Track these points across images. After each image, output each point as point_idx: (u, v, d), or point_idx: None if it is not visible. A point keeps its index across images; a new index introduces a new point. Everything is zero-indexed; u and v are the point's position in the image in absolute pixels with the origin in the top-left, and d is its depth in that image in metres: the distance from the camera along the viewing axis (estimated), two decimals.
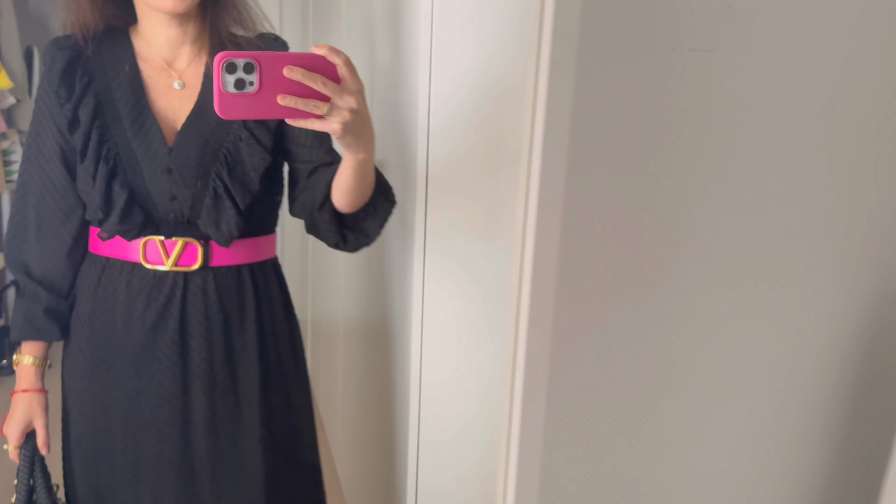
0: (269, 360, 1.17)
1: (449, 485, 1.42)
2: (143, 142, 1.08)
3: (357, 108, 0.85)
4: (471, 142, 1.33)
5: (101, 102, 1.09)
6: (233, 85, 0.81)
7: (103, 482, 1.15)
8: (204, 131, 1.10)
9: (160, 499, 1.14)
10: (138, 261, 1.10)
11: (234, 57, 0.81)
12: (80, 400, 1.15)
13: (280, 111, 0.83)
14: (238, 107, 0.82)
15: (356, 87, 0.85)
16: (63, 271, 1.14)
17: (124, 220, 1.07)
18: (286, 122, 0.86)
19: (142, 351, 1.11)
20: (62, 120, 1.09)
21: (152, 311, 1.10)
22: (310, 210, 1.10)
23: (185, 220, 1.09)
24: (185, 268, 1.10)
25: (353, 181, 0.99)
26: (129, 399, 1.12)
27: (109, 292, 1.11)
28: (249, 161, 1.10)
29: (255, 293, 1.15)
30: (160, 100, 1.11)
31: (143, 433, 1.12)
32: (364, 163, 0.96)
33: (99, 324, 1.13)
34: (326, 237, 1.11)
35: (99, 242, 1.13)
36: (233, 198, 1.09)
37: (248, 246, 1.14)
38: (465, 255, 1.36)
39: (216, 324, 1.12)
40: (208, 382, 1.12)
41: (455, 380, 1.40)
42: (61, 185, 1.11)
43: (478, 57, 1.30)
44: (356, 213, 1.07)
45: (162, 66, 1.12)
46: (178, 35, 1.11)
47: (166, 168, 1.09)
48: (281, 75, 0.81)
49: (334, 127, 0.86)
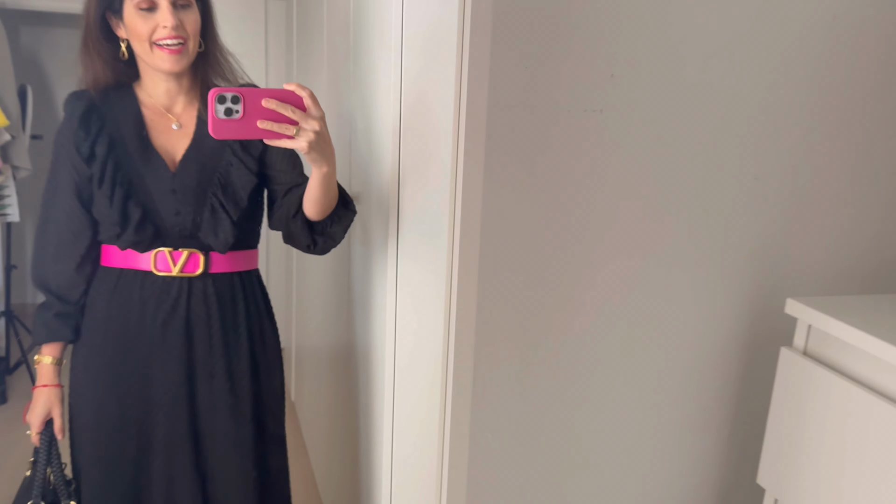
0: (256, 351, 1.39)
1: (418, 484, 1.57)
2: (149, 170, 1.29)
3: (319, 129, 1.06)
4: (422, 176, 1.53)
5: (113, 140, 1.29)
6: (223, 113, 1.03)
7: (111, 457, 1.33)
8: (200, 160, 1.31)
9: (172, 466, 1.33)
10: (149, 269, 1.30)
11: (224, 91, 1.03)
12: (93, 397, 1.33)
13: (259, 133, 1.05)
14: (227, 130, 1.04)
15: (318, 114, 1.06)
16: (73, 283, 1.33)
17: (139, 233, 1.27)
18: (264, 142, 1.09)
19: (154, 345, 1.31)
20: (77, 159, 1.28)
21: (162, 310, 1.30)
22: (285, 220, 1.30)
23: (188, 234, 1.30)
24: (190, 274, 1.31)
25: (319, 192, 1.20)
26: (143, 386, 1.31)
27: (125, 297, 1.31)
28: (239, 181, 1.32)
29: (244, 296, 1.37)
30: (160, 137, 1.32)
31: (156, 414, 1.32)
32: (328, 175, 1.16)
33: (115, 324, 1.32)
34: (300, 242, 1.31)
35: (112, 257, 1.33)
36: (227, 210, 1.30)
37: (237, 257, 1.36)
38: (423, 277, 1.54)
39: (215, 321, 1.33)
40: (209, 370, 1.34)
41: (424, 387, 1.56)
42: (73, 213, 1.31)
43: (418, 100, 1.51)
44: (323, 220, 1.27)
45: (161, 111, 1.33)
46: (175, 87, 1.32)
47: (171, 189, 1.29)
48: (260, 105, 1.04)
49: (302, 145, 1.06)
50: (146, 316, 1.30)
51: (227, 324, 1.34)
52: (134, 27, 1.24)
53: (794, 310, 1.05)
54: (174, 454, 1.33)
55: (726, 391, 1.20)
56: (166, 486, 1.34)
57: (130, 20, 1.24)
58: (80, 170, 1.30)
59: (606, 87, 1.03)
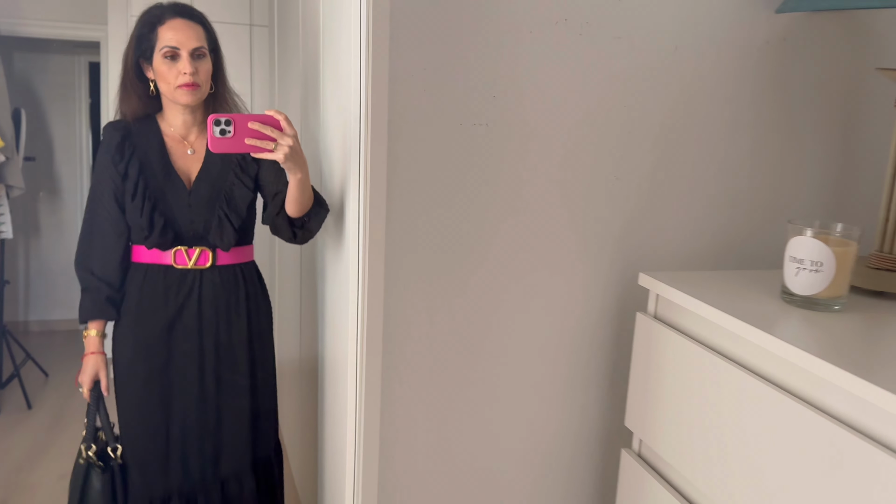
0: (252, 329, 1.75)
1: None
2: (170, 187, 1.66)
3: (293, 145, 1.38)
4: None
5: (142, 163, 1.65)
6: (218, 133, 1.35)
7: (145, 413, 1.68)
8: (210, 179, 1.68)
9: (187, 419, 1.69)
10: (170, 263, 1.66)
11: (219, 116, 1.35)
12: (130, 361, 1.68)
13: (246, 147, 1.37)
14: (222, 145, 1.36)
15: (292, 133, 1.39)
16: (117, 272, 1.68)
17: (162, 236, 1.64)
18: (251, 156, 1.49)
19: (173, 322, 1.67)
20: (116, 174, 1.64)
21: (181, 295, 1.67)
22: (273, 217, 1.64)
23: (199, 236, 1.67)
24: (202, 266, 1.68)
25: (296, 194, 1.51)
26: (164, 356, 1.68)
27: (151, 286, 1.67)
28: (239, 196, 1.69)
29: (244, 284, 1.73)
30: (178, 161, 1.68)
31: (174, 377, 1.68)
32: (302, 181, 1.48)
33: (144, 308, 1.67)
34: (284, 234, 1.64)
35: (140, 255, 1.68)
36: (230, 219, 1.67)
37: (239, 252, 1.73)
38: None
39: (222, 303, 1.69)
40: (216, 343, 1.70)
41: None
42: (115, 215, 1.67)
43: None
44: (302, 217, 1.59)
45: (179, 139, 1.69)
46: (190, 119, 1.69)
47: (188, 203, 1.66)
48: (247, 127, 1.36)
49: (279, 156, 1.38)
50: (168, 299, 1.67)
51: (231, 304, 1.71)
52: (160, 72, 1.60)
53: (646, 282, 1.30)
54: (188, 398, 1.71)
55: (603, 350, 1.46)
56: (183, 421, 1.71)
57: (158, 66, 1.60)
58: (118, 182, 1.65)
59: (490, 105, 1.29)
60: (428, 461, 1.40)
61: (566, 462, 1.48)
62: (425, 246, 1.31)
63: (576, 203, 1.37)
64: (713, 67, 1.39)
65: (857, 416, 0.89)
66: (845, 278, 1.09)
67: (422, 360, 1.35)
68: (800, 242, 1.09)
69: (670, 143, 1.39)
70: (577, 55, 1.31)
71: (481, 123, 1.29)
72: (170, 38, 1.57)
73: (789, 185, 1.48)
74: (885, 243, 1.24)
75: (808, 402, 0.95)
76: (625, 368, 1.48)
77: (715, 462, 1.10)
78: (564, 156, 1.34)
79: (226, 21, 3.48)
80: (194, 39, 1.59)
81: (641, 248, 1.42)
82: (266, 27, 3.46)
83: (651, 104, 1.37)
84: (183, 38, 1.58)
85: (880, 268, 1.24)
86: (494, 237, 1.34)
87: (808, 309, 1.10)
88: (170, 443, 1.71)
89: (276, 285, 3.02)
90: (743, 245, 1.48)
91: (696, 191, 1.43)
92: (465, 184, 1.31)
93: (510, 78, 1.28)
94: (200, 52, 1.61)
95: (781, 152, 1.46)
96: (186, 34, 1.58)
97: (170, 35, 1.58)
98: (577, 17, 1.29)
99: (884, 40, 1.46)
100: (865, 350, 0.96)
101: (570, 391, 1.45)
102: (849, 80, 1.46)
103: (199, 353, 1.69)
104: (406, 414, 1.37)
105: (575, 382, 1.45)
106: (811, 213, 1.50)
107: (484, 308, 1.37)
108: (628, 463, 1.34)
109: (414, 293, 1.32)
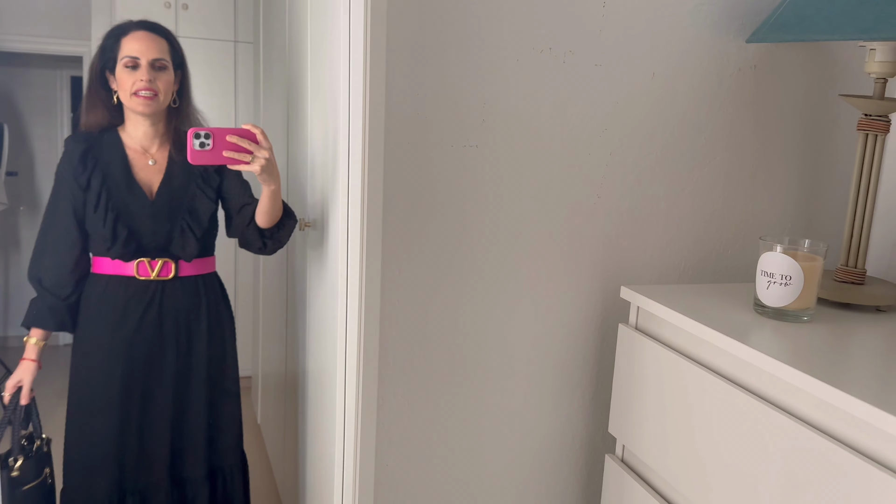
0: (214, 339, 1.77)
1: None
2: (133, 198, 1.66)
3: (268, 157, 1.45)
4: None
5: (104, 174, 1.65)
6: (198, 145, 1.41)
7: (99, 421, 1.67)
8: (171, 190, 1.69)
9: (144, 427, 1.70)
10: (132, 275, 1.67)
11: (199, 130, 1.41)
12: (90, 366, 1.67)
13: (224, 160, 1.43)
14: (201, 157, 1.41)
15: (267, 146, 1.46)
16: (65, 283, 1.68)
17: (125, 246, 1.64)
18: (224, 170, 1.56)
19: (135, 330, 1.68)
20: (76, 187, 1.65)
21: (142, 305, 1.68)
22: (241, 229, 1.69)
23: (161, 247, 1.68)
24: (164, 277, 1.69)
25: (268, 205, 1.57)
26: (127, 360, 1.68)
27: (112, 296, 1.68)
28: (201, 207, 1.70)
29: (205, 292, 1.75)
30: (140, 172, 1.69)
31: (135, 378, 1.70)
32: (275, 192, 1.54)
33: (105, 318, 1.67)
34: (253, 245, 1.69)
35: (102, 266, 1.68)
36: (192, 230, 1.68)
37: (200, 263, 1.75)
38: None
39: (182, 312, 1.71)
40: (175, 348, 1.71)
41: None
42: (70, 228, 1.66)
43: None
44: (272, 227, 1.64)
45: (141, 151, 1.70)
46: (151, 131, 1.70)
47: (151, 214, 1.67)
48: (224, 140, 1.42)
49: (255, 168, 1.44)
50: (129, 309, 1.67)
51: (191, 313, 1.72)
52: (121, 80, 1.63)
53: (627, 295, 1.37)
54: (148, 404, 1.71)
55: (587, 360, 1.52)
56: (139, 429, 1.71)
57: (119, 75, 1.63)
58: (77, 195, 1.65)
59: (479, 128, 1.36)
60: (419, 468, 1.45)
61: (552, 467, 1.55)
62: (416, 261, 1.37)
63: (560, 220, 1.44)
64: (688, 93, 1.47)
65: (824, 419, 0.96)
66: (813, 291, 1.17)
67: (412, 371, 1.41)
68: (770, 258, 1.17)
69: (648, 164, 1.47)
70: (561, 81, 1.38)
71: (471, 145, 1.36)
72: (131, 49, 1.62)
73: (761, 203, 1.57)
74: (849, 258, 1.33)
75: (778, 407, 1.03)
76: (608, 377, 1.55)
77: (694, 465, 1.17)
78: (549, 176, 1.42)
79: (210, 38, 3.53)
80: (155, 51, 1.63)
81: (622, 263, 1.50)
82: (251, 44, 3.51)
83: (630, 127, 1.45)
84: (144, 49, 1.61)
85: (846, 281, 1.33)
86: (482, 253, 1.41)
87: (779, 320, 1.18)
88: (123, 451, 1.70)
89: (260, 296, 3.06)
90: (717, 260, 1.56)
91: (673, 209, 1.51)
92: (454, 202, 1.37)
93: (498, 102, 1.35)
94: (161, 63, 1.64)
95: (753, 172, 1.55)
96: (147, 45, 1.62)
97: (132, 45, 1.62)
98: (561, 46, 1.37)
99: (846, 68, 1.56)
100: (832, 358, 1.04)
101: (556, 399, 1.52)
102: (815, 105, 1.56)
103: (158, 363, 1.70)
104: (398, 422, 1.42)
105: (560, 391, 1.52)
106: (781, 230, 1.59)
107: (472, 320, 1.43)
108: (612, 468, 1.40)
109: (405, 306, 1.38)
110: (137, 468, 1.72)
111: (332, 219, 1.53)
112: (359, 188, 1.26)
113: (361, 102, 1.26)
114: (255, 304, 3.31)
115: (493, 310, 1.44)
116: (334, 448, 1.45)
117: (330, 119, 1.49)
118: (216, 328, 1.77)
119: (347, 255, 1.34)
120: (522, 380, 1.49)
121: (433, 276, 1.38)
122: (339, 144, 1.38)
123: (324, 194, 1.59)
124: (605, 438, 1.57)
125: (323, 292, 1.66)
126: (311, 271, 1.81)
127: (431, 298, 1.39)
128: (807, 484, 0.96)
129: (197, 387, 1.75)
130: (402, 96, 1.30)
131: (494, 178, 1.39)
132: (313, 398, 1.80)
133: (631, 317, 1.38)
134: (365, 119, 1.26)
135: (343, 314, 1.38)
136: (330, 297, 1.56)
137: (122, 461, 1.71)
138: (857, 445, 0.91)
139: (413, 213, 1.35)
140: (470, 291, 1.42)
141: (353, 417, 1.37)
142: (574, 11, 1.36)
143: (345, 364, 1.38)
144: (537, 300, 1.46)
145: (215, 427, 1.80)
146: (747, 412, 1.06)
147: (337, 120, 1.40)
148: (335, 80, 1.43)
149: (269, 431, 2.83)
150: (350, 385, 1.37)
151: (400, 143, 1.31)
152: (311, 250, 1.78)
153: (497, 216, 1.40)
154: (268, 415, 2.85)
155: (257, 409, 3.20)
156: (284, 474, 2.43)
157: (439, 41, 1.30)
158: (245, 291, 3.60)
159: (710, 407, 1.14)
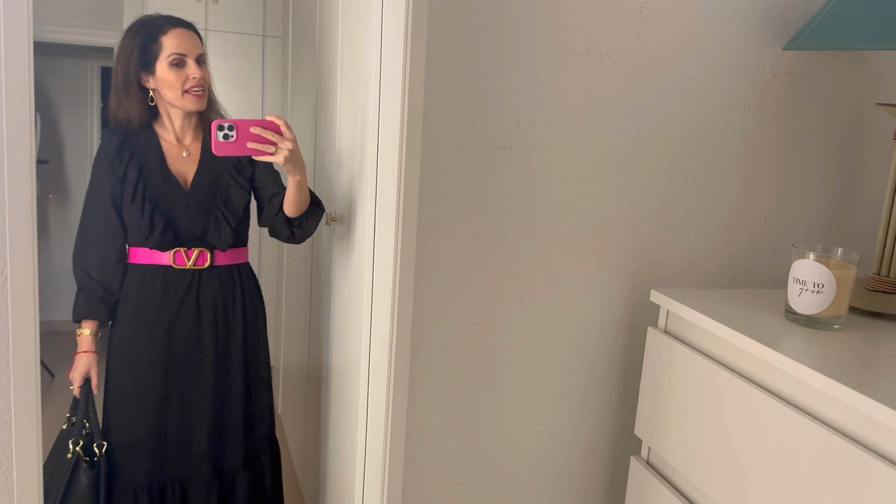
0: (248, 327, 1.80)
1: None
2: (169, 189, 1.70)
3: (292, 148, 1.46)
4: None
5: (141, 166, 1.69)
6: (222, 137, 1.42)
7: (138, 409, 1.71)
8: (206, 181, 1.73)
9: (183, 415, 1.74)
10: (169, 264, 1.70)
11: (223, 122, 1.42)
12: (130, 355, 1.71)
13: (248, 151, 1.44)
14: (225, 149, 1.42)
15: (291, 137, 1.46)
16: (114, 273, 1.71)
17: (163, 236, 1.68)
18: (251, 161, 1.58)
19: (172, 320, 1.72)
20: (113, 178, 1.68)
21: (180, 294, 1.72)
22: (270, 218, 1.72)
23: (198, 237, 1.72)
24: (200, 266, 1.72)
25: (295, 195, 1.59)
26: (166, 347, 1.72)
27: (151, 286, 1.71)
28: (235, 197, 1.74)
29: (240, 282, 1.78)
30: (175, 164, 1.73)
31: (175, 366, 1.74)
32: (300, 182, 1.56)
33: (143, 307, 1.71)
34: (282, 234, 1.71)
35: (140, 257, 1.72)
36: (227, 219, 1.72)
37: (234, 253, 1.78)
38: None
39: (219, 300, 1.74)
40: (213, 335, 1.75)
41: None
42: (111, 218, 1.70)
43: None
44: (300, 216, 1.67)
45: (175, 143, 1.74)
46: (186, 124, 1.74)
47: (187, 204, 1.71)
48: (248, 132, 1.42)
49: (279, 159, 1.46)
50: (167, 299, 1.71)
51: (227, 302, 1.76)
52: (166, 79, 1.66)
53: (657, 298, 1.38)
54: (188, 392, 1.75)
55: (615, 362, 1.54)
56: (178, 417, 1.75)
57: (164, 74, 1.65)
58: (115, 186, 1.69)
59: (513, 130, 1.38)
60: (445, 463, 1.48)
61: (578, 467, 1.56)
62: (449, 258, 1.39)
63: (592, 223, 1.45)
64: (723, 98, 1.47)
65: (854, 427, 0.97)
66: (845, 299, 1.17)
67: (443, 367, 1.43)
68: (803, 265, 1.18)
69: (682, 168, 1.48)
70: (597, 85, 1.40)
71: (505, 147, 1.38)
72: (176, 46, 1.64)
73: (793, 209, 1.57)
74: (882, 267, 1.33)
75: (807, 413, 1.04)
76: (635, 379, 1.56)
77: (720, 468, 1.18)
78: (582, 178, 1.43)
79: (239, 31, 3.56)
80: (199, 46, 1.68)
81: (653, 265, 1.51)
82: (280, 38, 3.54)
83: (664, 131, 1.45)
84: (189, 45, 1.65)
85: (878, 290, 1.33)
86: (515, 253, 1.42)
87: (810, 327, 1.19)
88: (163, 438, 1.74)
89: (283, 289, 3.10)
90: (748, 264, 1.57)
91: (706, 213, 1.52)
92: (487, 202, 1.39)
93: (533, 105, 1.37)
94: (203, 58, 1.69)
95: (787, 178, 1.55)
96: (191, 41, 1.66)
97: (175, 42, 1.64)
98: (598, 49, 1.38)
99: (883, 77, 1.56)
100: (863, 366, 1.04)
101: (583, 400, 1.53)
102: (850, 113, 1.56)
103: (197, 350, 1.74)
104: (427, 418, 1.44)
105: (588, 391, 1.53)
106: (813, 237, 1.59)
107: (501, 318, 1.45)
108: (637, 469, 1.42)
109: (435, 303, 1.40)
110: (178, 455, 1.76)
111: (359, 215, 1.54)
112: (394, 185, 1.28)
113: (400, 101, 1.28)
114: (277, 295, 3.35)
115: (522, 308, 1.45)
116: (356, 442, 1.47)
117: (359, 116, 1.50)
118: (251, 316, 1.81)
119: (374, 251, 1.35)
120: (550, 378, 1.51)
121: (464, 274, 1.40)
122: (369, 141, 1.39)
123: (351, 190, 1.61)
124: (631, 440, 1.59)
125: (348, 287, 1.68)
126: (336, 265, 1.84)
127: (461, 296, 1.41)
128: (836, 492, 0.97)
129: (235, 374, 1.79)
130: (439, 96, 1.32)
131: (528, 179, 1.40)
132: (336, 391, 1.82)
133: (660, 320, 1.39)
134: (403, 118, 1.28)
135: (369, 308, 1.40)
136: (356, 292, 1.58)
137: (164, 448, 1.75)
138: (888, 454, 0.92)
139: (445, 212, 1.37)
140: (500, 290, 1.43)
141: (384, 412, 1.39)
142: (611, 15, 1.37)
143: (369, 358, 1.40)
144: (567, 300, 1.47)
145: (251, 414, 1.85)
146: (778, 418, 1.07)
147: (367, 117, 1.41)
148: (367, 78, 1.44)
149: (289, 421, 2.87)
150: (380, 380, 1.39)
151: (434, 142, 1.33)
152: (337, 241, 1.80)
153: (530, 217, 1.42)
154: (288, 405, 2.89)
155: (278, 400, 3.24)
156: (304, 464, 2.47)
157: (477, 42, 1.32)
158: (268, 283, 3.64)
159: (741, 412, 1.14)
